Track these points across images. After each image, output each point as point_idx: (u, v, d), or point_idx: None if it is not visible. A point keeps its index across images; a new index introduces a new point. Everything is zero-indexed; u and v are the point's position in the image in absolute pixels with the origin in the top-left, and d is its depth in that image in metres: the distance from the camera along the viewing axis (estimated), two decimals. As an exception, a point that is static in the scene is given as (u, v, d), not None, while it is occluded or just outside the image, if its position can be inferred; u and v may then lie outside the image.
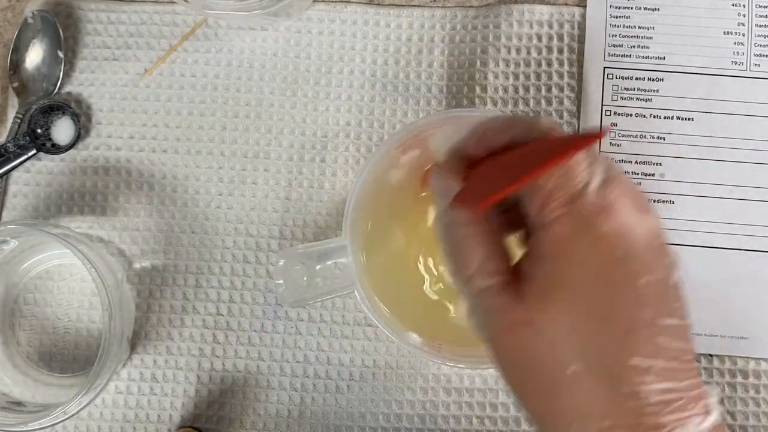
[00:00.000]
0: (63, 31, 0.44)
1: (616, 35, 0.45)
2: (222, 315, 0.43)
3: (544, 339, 0.22)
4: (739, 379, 0.42)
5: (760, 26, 0.45)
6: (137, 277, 0.43)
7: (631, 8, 0.45)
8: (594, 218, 0.21)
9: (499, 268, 0.23)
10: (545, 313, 0.22)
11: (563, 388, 0.21)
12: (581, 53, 0.45)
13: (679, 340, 0.21)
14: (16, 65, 0.44)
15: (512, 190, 0.20)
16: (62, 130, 0.43)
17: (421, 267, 0.38)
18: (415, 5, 0.45)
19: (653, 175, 0.44)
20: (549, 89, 0.44)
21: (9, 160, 0.43)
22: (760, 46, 0.44)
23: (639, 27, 0.45)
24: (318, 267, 0.35)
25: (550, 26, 0.45)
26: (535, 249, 0.23)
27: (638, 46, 0.45)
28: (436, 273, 0.38)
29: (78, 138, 0.44)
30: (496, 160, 0.24)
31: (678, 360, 0.21)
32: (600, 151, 0.44)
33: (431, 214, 0.38)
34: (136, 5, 0.45)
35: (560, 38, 0.45)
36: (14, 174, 0.44)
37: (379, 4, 0.45)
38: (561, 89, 0.44)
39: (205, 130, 0.44)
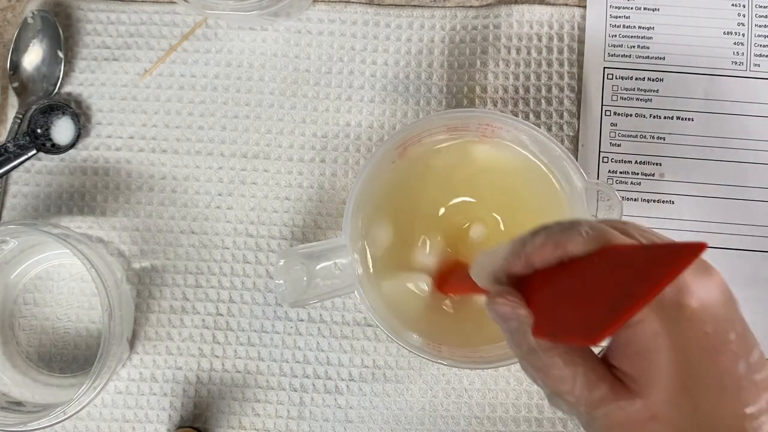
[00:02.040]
0: (63, 31, 0.44)
1: (616, 35, 0.45)
2: (222, 315, 0.43)
3: (671, 426, 0.23)
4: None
5: (760, 26, 0.45)
6: (137, 277, 0.43)
7: (631, 8, 0.45)
8: (677, 307, 0.22)
9: (601, 375, 0.24)
10: (665, 404, 0.23)
11: None
12: (581, 53, 0.45)
13: (762, 365, 0.23)
14: (16, 65, 0.44)
15: (627, 320, 0.20)
16: (62, 130, 0.43)
17: (421, 267, 0.38)
18: (415, 5, 0.45)
19: (653, 175, 0.44)
20: (549, 89, 0.44)
21: (9, 160, 0.43)
22: (760, 46, 0.44)
23: (639, 27, 0.45)
24: (318, 267, 0.35)
25: (550, 26, 0.45)
26: (628, 348, 0.24)
27: (638, 46, 0.45)
28: (432, 280, 0.38)
29: (78, 138, 0.44)
30: (558, 282, 0.24)
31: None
32: (600, 151, 0.44)
33: (431, 214, 0.38)
34: (136, 5, 0.45)
35: (560, 38, 0.45)
36: (14, 174, 0.44)
37: (379, 4, 0.45)
38: (561, 89, 0.44)
39: (205, 130, 0.44)
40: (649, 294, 0.19)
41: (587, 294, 0.22)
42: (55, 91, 0.44)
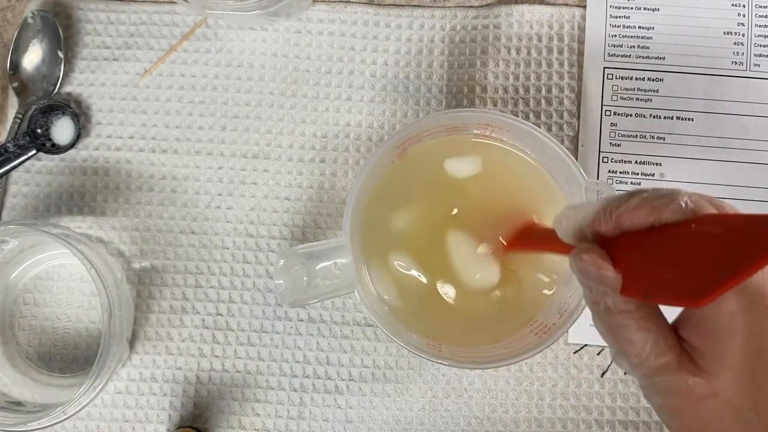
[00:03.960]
0: (63, 31, 0.44)
1: (616, 35, 0.45)
2: (222, 315, 0.43)
3: (730, 407, 0.23)
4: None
5: (760, 26, 0.45)
6: (137, 277, 0.43)
7: (631, 8, 0.45)
8: (760, 294, 0.22)
9: (671, 344, 0.24)
10: (728, 384, 0.23)
11: None
12: (581, 53, 0.45)
13: None
14: (16, 65, 0.44)
15: (737, 284, 0.20)
16: (62, 130, 0.43)
17: (421, 267, 0.38)
18: (415, 5, 0.45)
19: (653, 175, 0.44)
20: (549, 89, 0.44)
21: (9, 160, 0.43)
22: (760, 46, 0.44)
23: (639, 27, 0.45)
24: (318, 267, 0.35)
25: (550, 26, 0.45)
26: (702, 324, 0.24)
27: (638, 46, 0.45)
28: (435, 272, 0.38)
29: (78, 138, 0.44)
30: (652, 246, 0.23)
31: None
32: (600, 151, 0.44)
33: (431, 214, 0.38)
34: (136, 5, 0.45)
35: (560, 38, 0.45)
36: (14, 174, 0.44)
37: (379, 4, 0.45)
38: (561, 89, 0.44)
39: (205, 130, 0.44)
40: (759, 261, 0.19)
41: (687, 257, 0.22)
42: (55, 91, 0.44)
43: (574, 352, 0.42)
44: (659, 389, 0.24)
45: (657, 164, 0.44)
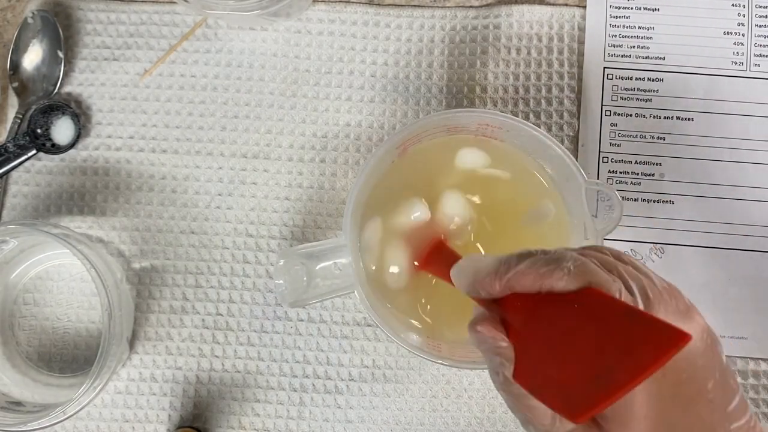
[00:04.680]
0: (63, 31, 0.44)
1: (616, 35, 0.45)
2: (222, 315, 0.43)
3: None
4: (739, 379, 0.42)
5: (760, 26, 0.45)
6: (137, 277, 0.43)
7: (631, 8, 0.45)
8: None
9: None
10: None
11: None
12: (581, 53, 0.45)
13: (742, 413, 0.23)
14: (16, 65, 0.44)
15: (611, 403, 0.20)
16: (62, 130, 0.43)
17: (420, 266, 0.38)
18: (415, 5, 0.45)
19: (653, 175, 0.44)
20: (549, 89, 0.44)
21: (9, 160, 0.43)
22: (760, 46, 0.44)
23: (639, 27, 0.45)
24: (318, 267, 0.35)
25: (550, 26, 0.45)
26: None
27: (638, 46, 0.45)
28: (413, 255, 0.38)
29: (78, 138, 0.44)
30: (543, 325, 0.24)
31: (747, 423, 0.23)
32: (600, 151, 0.44)
33: (431, 215, 0.38)
34: (136, 5, 0.45)
35: (560, 38, 0.45)
36: (14, 174, 0.44)
37: (379, 4, 0.45)
38: (561, 89, 0.44)
39: (205, 130, 0.44)
40: (634, 380, 0.19)
41: (568, 351, 0.22)
42: (55, 91, 0.44)
43: (574, 352, 0.42)
44: None
45: (657, 164, 0.44)
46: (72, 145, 0.44)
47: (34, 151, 0.43)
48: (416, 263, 0.36)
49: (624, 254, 0.25)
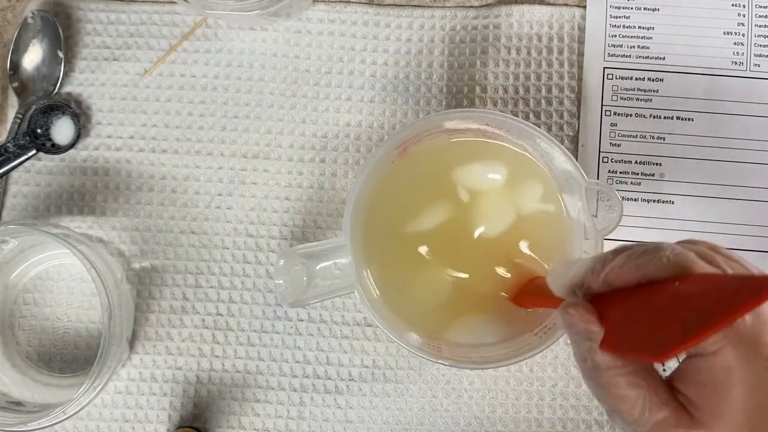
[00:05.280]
0: (63, 31, 0.44)
1: (616, 35, 0.45)
2: (222, 315, 0.43)
3: None
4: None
5: (760, 26, 0.45)
6: (137, 277, 0.43)
7: (631, 8, 0.45)
8: (756, 345, 0.22)
9: (664, 399, 0.24)
10: None
11: None
12: (581, 53, 0.45)
13: None
14: (16, 65, 0.44)
15: (696, 344, 0.20)
16: (62, 130, 0.43)
17: (421, 267, 0.38)
18: (415, 5, 0.45)
19: (653, 175, 0.44)
20: (549, 89, 0.44)
21: (9, 160, 0.43)
22: (760, 46, 0.44)
23: (639, 27, 0.45)
24: (318, 267, 0.35)
25: (550, 26, 0.45)
26: (698, 376, 0.23)
27: (638, 46, 0.45)
28: (436, 272, 0.38)
29: (78, 138, 0.44)
30: (635, 302, 0.24)
31: None
32: (600, 151, 0.44)
33: (432, 215, 0.38)
34: (136, 5, 0.45)
35: (560, 38, 0.45)
36: (14, 174, 0.44)
37: (379, 4, 0.45)
38: (561, 89, 0.44)
39: (205, 130, 0.44)
40: (724, 320, 0.19)
41: (663, 315, 0.22)
42: (55, 91, 0.44)
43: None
44: None
45: (657, 164, 0.44)
46: (72, 145, 0.44)
47: (34, 151, 0.43)
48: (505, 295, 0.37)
49: (721, 247, 0.24)
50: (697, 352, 0.23)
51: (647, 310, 0.23)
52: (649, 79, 0.44)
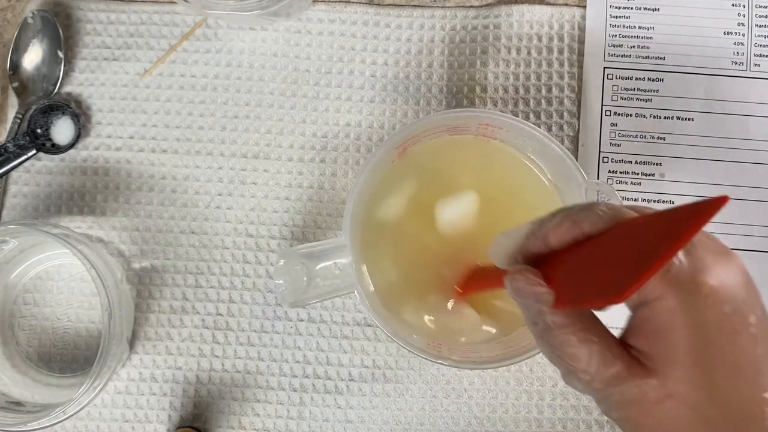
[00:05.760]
0: (63, 31, 0.44)
1: (616, 35, 0.45)
2: (222, 315, 0.43)
3: (687, 406, 0.23)
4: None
5: (760, 26, 0.45)
6: (137, 277, 0.43)
7: (631, 8, 0.45)
8: (694, 285, 0.22)
9: (617, 353, 0.24)
10: (681, 382, 0.23)
11: None
12: (581, 53, 0.45)
13: None
14: (16, 65, 0.44)
15: (651, 276, 0.20)
16: (62, 130, 0.43)
17: (421, 266, 0.38)
18: (415, 5, 0.45)
19: (653, 175, 0.44)
20: (549, 89, 0.44)
21: (9, 160, 0.43)
22: (760, 46, 0.44)
23: (639, 27, 0.45)
24: (318, 267, 0.35)
25: (550, 26, 0.45)
26: (645, 325, 0.24)
27: (638, 46, 0.45)
28: (436, 272, 0.38)
29: (78, 138, 0.44)
30: (578, 256, 0.24)
31: None
32: (600, 151, 0.44)
33: (431, 215, 0.38)
34: (136, 5, 0.45)
35: (560, 38, 0.45)
36: (14, 174, 0.44)
37: (379, 4, 0.45)
38: (561, 89, 0.44)
39: (205, 130, 0.44)
40: (674, 247, 0.19)
41: (609, 261, 0.22)
42: (55, 91, 0.44)
43: (574, 352, 0.42)
44: (614, 402, 0.24)
45: (657, 164, 0.44)
46: (72, 145, 0.44)
47: (34, 151, 0.43)
48: (458, 292, 0.37)
49: (651, 208, 0.25)
50: (641, 300, 0.23)
51: (592, 261, 0.23)
52: (649, 79, 0.44)
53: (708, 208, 0.19)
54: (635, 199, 0.43)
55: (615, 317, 0.25)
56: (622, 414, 0.24)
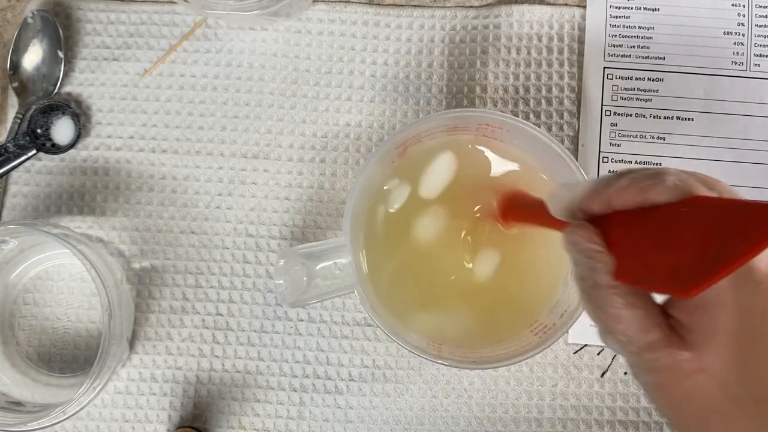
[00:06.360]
0: (63, 31, 0.44)
1: (616, 35, 0.45)
2: (222, 315, 0.43)
3: (717, 382, 0.23)
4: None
5: (760, 26, 0.45)
6: (137, 277, 0.43)
7: (631, 8, 0.45)
8: (747, 268, 0.22)
9: (658, 321, 0.24)
10: (716, 359, 0.23)
11: (734, 420, 0.23)
12: (581, 53, 0.45)
13: None
14: (16, 65, 0.44)
15: (728, 274, 0.20)
16: (62, 130, 0.43)
17: (421, 266, 0.38)
18: (415, 5, 0.45)
19: (653, 175, 0.44)
20: (549, 89, 0.44)
21: (9, 160, 0.43)
22: (760, 46, 0.44)
23: (639, 27, 0.45)
24: (318, 267, 0.35)
25: (550, 26, 0.45)
26: (689, 299, 0.24)
27: (638, 46, 0.45)
28: (435, 273, 0.38)
29: (78, 138, 0.44)
30: (643, 227, 0.23)
31: None
32: (600, 151, 0.44)
33: (432, 215, 0.38)
34: (136, 5, 0.45)
35: (560, 38, 0.45)
36: (14, 174, 0.44)
37: (379, 4, 0.45)
38: (561, 89, 0.44)
39: (205, 130, 0.44)
40: (753, 250, 0.19)
41: (678, 243, 0.22)
42: (55, 91, 0.44)
43: (574, 353, 0.42)
44: (647, 367, 0.24)
45: (657, 164, 0.44)
46: (72, 145, 0.44)
47: (34, 151, 0.43)
48: (498, 217, 0.36)
49: (722, 182, 0.24)
50: None
51: (660, 236, 0.23)
52: (649, 79, 0.44)
53: None
54: (635, 199, 0.43)
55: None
56: (651, 378, 0.24)
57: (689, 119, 0.44)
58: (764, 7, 0.45)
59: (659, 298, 0.25)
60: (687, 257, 0.21)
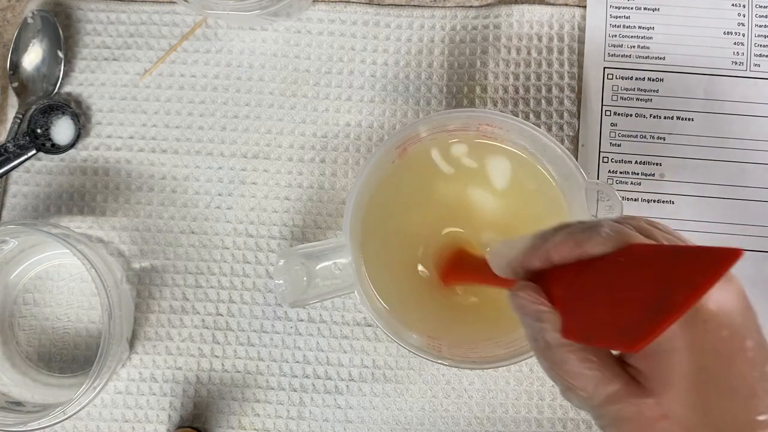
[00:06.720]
0: (63, 31, 0.44)
1: (616, 35, 0.45)
2: (222, 315, 0.43)
3: (682, 427, 0.23)
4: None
5: (760, 26, 0.45)
6: (137, 277, 0.43)
7: (631, 8, 0.45)
8: (694, 309, 0.22)
9: (616, 372, 0.24)
10: (677, 403, 0.23)
11: None
12: (581, 53, 0.45)
13: None
14: (16, 65, 0.44)
15: (669, 325, 0.20)
16: (62, 130, 0.43)
17: (420, 267, 0.38)
18: (415, 5, 0.45)
19: (653, 175, 0.44)
20: (549, 89, 0.44)
21: (9, 160, 0.43)
22: (760, 46, 0.44)
23: (639, 27, 0.45)
24: (318, 267, 0.35)
25: (550, 26, 0.45)
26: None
27: (638, 46, 0.45)
28: (435, 273, 0.38)
29: (78, 138, 0.44)
30: (584, 280, 0.24)
31: None
32: (600, 151, 0.44)
33: (431, 215, 0.38)
34: (136, 5, 0.45)
35: (560, 38, 0.45)
36: (14, 174, 0.44)
37: (379, 4, 0.45)
38: (561, 89, 0.44)
39: (205, 130, 0.44)
40: (692, 297, 0.19)
41: (619, 295, 0.22)
42: (55, 91, 0.44)
43: (574, 352, 0.42)
44: (611, 419, 0.24)
45: (657, 164, 0.44)
46: (72, 145, 0.44)
47: (34, 151, 0.43)
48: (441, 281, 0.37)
49: (660, 223, 0.25)
50: None
51: (599, 290, 0.23)
52: (649, 79, 0.44)
53: (726, 258, 0.19)
54: (635, 199, 0.43)
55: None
56: (617, 430, 0.24)
57: (689, 119, 0.44)
58: (764, 7, 0.45)
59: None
60: (629, 309, 0.21)
